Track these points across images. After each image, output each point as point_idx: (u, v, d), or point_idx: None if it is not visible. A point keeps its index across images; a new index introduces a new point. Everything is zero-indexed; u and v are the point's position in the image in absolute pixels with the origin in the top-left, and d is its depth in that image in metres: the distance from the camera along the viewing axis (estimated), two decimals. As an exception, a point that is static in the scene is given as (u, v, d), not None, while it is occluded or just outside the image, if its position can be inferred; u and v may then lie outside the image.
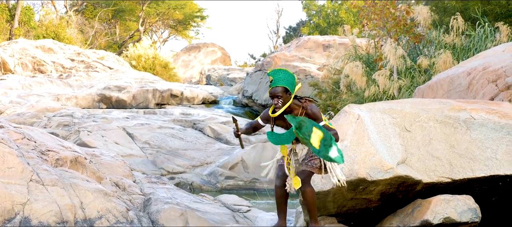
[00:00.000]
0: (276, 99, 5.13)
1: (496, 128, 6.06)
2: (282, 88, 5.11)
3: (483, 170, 5.91)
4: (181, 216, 6.92)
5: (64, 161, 7.00)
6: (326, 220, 6.26)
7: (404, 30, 12.21)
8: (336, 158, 5.05)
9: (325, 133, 5.05)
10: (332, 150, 5.03)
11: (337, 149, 5.07)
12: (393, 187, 5.87)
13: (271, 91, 5.18)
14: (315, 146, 5.00)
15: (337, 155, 5.06)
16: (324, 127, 5.17)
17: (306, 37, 22.88)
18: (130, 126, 14.09)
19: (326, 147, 5.02)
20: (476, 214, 5.60)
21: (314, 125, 5.05)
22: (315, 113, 5.18)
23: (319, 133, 5.03)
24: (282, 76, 5.13)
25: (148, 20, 43.80)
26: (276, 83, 5.12)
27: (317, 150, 5.01)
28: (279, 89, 5.11)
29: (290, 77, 5.16)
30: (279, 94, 5.10)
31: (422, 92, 8.79)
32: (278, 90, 5.10)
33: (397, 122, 6.10)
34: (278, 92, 5.10)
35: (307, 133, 5.00)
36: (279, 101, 5.12)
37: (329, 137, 5.05)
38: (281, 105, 5.14)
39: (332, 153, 5.03)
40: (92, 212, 6.45)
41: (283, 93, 5.10)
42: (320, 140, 5.01)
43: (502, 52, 8.34)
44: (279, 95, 5.10)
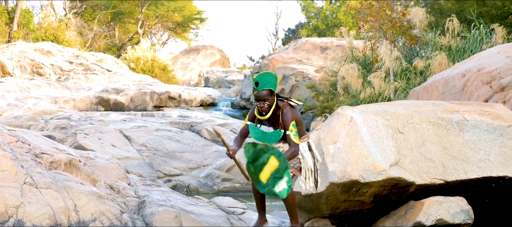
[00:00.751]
0: (261, 103, 5.23)
1: (489, 129, 6.07)
2: (267, 91, 5.21)
3: (476, 172, 5.92)
4: (175, 219, 6.91)
5: (58, 163, 7.00)
6: (320, 222, 6.27)
7: (400, 32, 12.22)
8: (281, 192, 5.11)
9: (281, 163, 5.10)
10: (279, 183, 5.09)
11: (287, 180, 5.12)
12: (386, 189, 5.87)
13: (257, 95, 5.28)
14: (262, 181, 5.11)
15: (283, 188, 5.11)
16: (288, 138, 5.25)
17: (304, 39, 22.90)
18: (127, 128, 14.10)
19: (274, 180, 5.09)
20: (469, 216, 5.61)
21: (273, 153, 5.12)
22: (285, 120, 5.28)
23: (274, 163, 5.09)
24: (268, 79, 5.23)
25: (147, 22, 43.81)
26: (263, 87, 5.21)
27: (263, 185, 5.11)
28: (264, 92, 5.21)
29: (275, 79, 5.29)
30: (265, 97, 5.20)
31: (417, 94, 8.80)
32: (264, 93, 5.21)
33: (390, 124, 6.10)
34: (264, 96, 5.21)
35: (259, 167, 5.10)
36: (265, 104, 5.22)
37: (283, 168, 5.09)
38: (268, 108, 5.19)
39: (278, 187, 5.09)
40: (86, 215, 6.45)
41: (269, 96, 5.22)
42: (272, 171, 5.07)
43: (496, 54, 8.35)
44: (265, 98, 5.20)
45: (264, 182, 5.09)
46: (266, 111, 5.26)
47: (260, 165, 5.08)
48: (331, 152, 5.91)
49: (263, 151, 5.09)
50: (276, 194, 5.10)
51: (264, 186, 5.10)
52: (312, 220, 6.33)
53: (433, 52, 11.07)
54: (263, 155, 5.08)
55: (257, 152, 5.09)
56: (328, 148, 5.93)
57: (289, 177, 5.12)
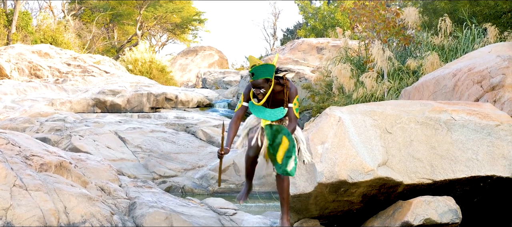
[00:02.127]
0: (257, 89, 5.30)
1: (477, 129, 6.08)
2: (263, 80, 5.27)
3: (464, 171, 5.93)
4: (166, 220, 6.92)
5: (48, 165, 7.00)
6: (309, 223, 6.28)
7: (394, 32, 12.22)
8: (291, 171, 5.21)
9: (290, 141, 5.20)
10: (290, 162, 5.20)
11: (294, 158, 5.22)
12: (374, 189, 5.88)
13: (253, 83, 5.34)
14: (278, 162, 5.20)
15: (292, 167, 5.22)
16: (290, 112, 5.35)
17: (300, 40, 22.89)
18: (122, 130, 14.10)
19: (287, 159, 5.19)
20: (456, 215, 5.62)
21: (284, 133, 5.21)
22: (292, 92, 5.36)
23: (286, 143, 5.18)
24: (264, 70, 5.29)
25: (146, 24, 43.82)
26: (259, 76, 5.28)
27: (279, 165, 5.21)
28: (260, 80, 5.28)
29: (271, 68, 5.32)
30: (260, 85, 5.27)
31: (409, 94, 8.81)
32: (259, 81, 5.28)
33: (378, 124, 6.11)
34: (260, 83, 5.27)
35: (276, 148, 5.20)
36: (261, 91, 5.29)
37: (292, 146, 5.19)
38: (264, 94, 5.30)
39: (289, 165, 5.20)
40: (76, 217, 6.45)
41: (265, 83, 5.27)
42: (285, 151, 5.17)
43: (488, 53, 8.36)
44: (261, 86, 5.27)
45: (279, 163, 5.21)
46: (261, 98, 5.33)
47: (277, 146, 5.19)
48: (319, 152, 5.92)
49: (277, 132, 5.21)
50: (289, 173, 5.21)
51: (279, 166, 5.22)
52: (301, 220, 6.34)
53: (426, 52, 11.08)
54: (278, 135, 5.20)
55: (274, 133, 5.21)
56: (316, 148, 5.94)
57: (296, 154, 5.23)
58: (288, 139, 5.18)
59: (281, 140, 5.18)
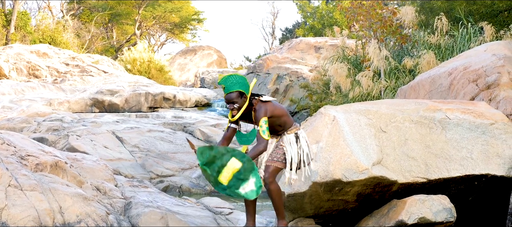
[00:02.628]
0: (231, 105, 5.18)
1: (471, 127, 6.09)
2: (236, 93, 5.14)
3: (459, 170, 5.94)
4: (162, 219, 6.91)
5: (44, 165, 7.01)
6: (304, 222, 6.28)
7: (390, 31, 12.23)
8: (248, 194, 4.93)
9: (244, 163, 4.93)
10: (244, 184, 4.93)
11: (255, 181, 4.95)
12: (369, 188, 5.89)
13: (226, 98, 5.21)
14: (222, 182, 4.94)
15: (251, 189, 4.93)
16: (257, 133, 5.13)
17: (298, 39, 22.89)
18: (119, 129, 14.09)
19: (238, 181, 4.93)
20: (451, 214, 5.62)
21: (234, 155, 4.96)
22: (256, 116, 5.18)
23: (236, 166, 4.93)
24: (233, 81, 5.15)
25: (145, 23, 43.82)
26: (230, 89, 5.14)
27: (224, 187, 4.97)
28: (233, 95, 5.15)
29: (242, 80, 5.19)
30: (233, 100, 5.15)
31: (404, 93, 8.81)
32: (232, 96, 5.15)
33: (372, 123, 6.12)
34: (233, 98, 5.15)
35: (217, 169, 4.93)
36: (235, 106, 5.16)
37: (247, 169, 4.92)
38: (238, 110, 5.16)
39: (243, 188, 4.93)
40: (71, 217, 6.45)
41: (238, 98, 5.15)
42: (234, 173, 4.91)
43: (483, 52, 8.36)
44: (234, 101, 5.15)
45: (225, 184, 4.95)
46: (235, 114, 5.20)
47: (217, 167, 4.94)
48: (313, 151, 5.92)
49: (221, 154, 4.95)
50: (242, 195, 4.96)
51: (225, 187, 4.97)
52: (296, 219, 6.34)
53: (422, 51, 11.09)
54: (221, 157, 4.95)
55: (213, 155, 4.94)
56: (311, 148, 5.94)
57: (258, 178, 4.96)
58: (241, 161, 4.93)
59: (225, 162, 4.91)
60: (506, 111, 7.29)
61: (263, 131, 5.12)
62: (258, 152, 5.11)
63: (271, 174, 5.26)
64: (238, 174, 4.93)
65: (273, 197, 5.27)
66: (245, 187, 4.94)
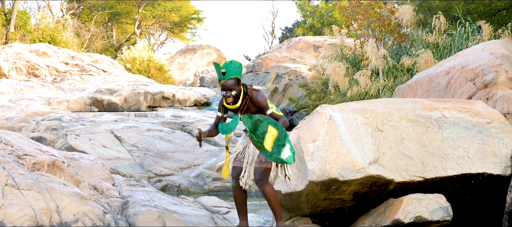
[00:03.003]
0: (228, 92, 5.14)
1: (468, 126, 6.09)
2: (234, 80, 5.13)
3: (455, 169, 5.94)
4: (159, 219, 6.93)
5: (41, 165, 7.01)
6: (301, 221, 6.28)
7: (389, 30, 12.22)
8: (288, 158, 5.09)
9: (280, 130, 5.09)
10: (284, 150, 5.08)
11: (290, 147, 5.12)
12: (365, 187, 5.89)
13: (223, 84, 5.17)
14: (267, 149, 5.06)
15: (289, 155, 5.10)
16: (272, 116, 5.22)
17: (297, 38, 22.89)
18: (118, 128, 14.10)
19: (279, 147, 5.07)
20: (447, 213, 5.62)
21: (270, 122, 5.09)
22: (260, 101, 5.19)
23: (274, 132, 5.08)
24: (234, 67, 5.14)
25: (145, 23, 43.82)
26: (229, 75, 5.12)
27: (270, 153, 5.06)
28: (231, 81, 5.12)
29: (240, 66, 5.20)
30: (232, 87, 5.12)
31: (402, 91, 8.81)
32: (230, 83, 5.12)
33: (369, 122, 6.12)
34: (231, 85, 5.11)
35: (261, 135, 5.05)
36: (232, 93, 5.13)
37: (283, 135, 5.09)
38: (234, 98, 5.14)
39: (284, 153, 5.07)
40: (68, 216, 6.46)
41: (235, 85, 5.13)
42: (274, 140, 5.06)
43: (481, 51, 8.35)
44: (232, 88, 5.12)
45: (270, 150, 5.07)
46: (232, 102, 5.16)
47: (261, 134, 5.05)
48: (310, 151, 5.92)
49: (260, 121, 5.08)
50: (284, 161, 5.09)
51: (270, 154, 5.08)
52: (293, 218, 6.35)
53: (419, 50, 11.09)
54: (261, 124, 5.07)
55: (255, 122, 5.08)
56: (307, 147, 5.94)
57: (291, 143, 5.13)
58: (276, 128, 5.09)
59: (266, 128, 5.06)
60: (503, 110, 7.29)
61: (276, 109, 5.26)
62: (286, 124, 5.23)
63: (263, 175, 5.23)
64: (277, 141, 5.07)
65: (268, 198, 5.25)
66: (284, 153, 5.09)
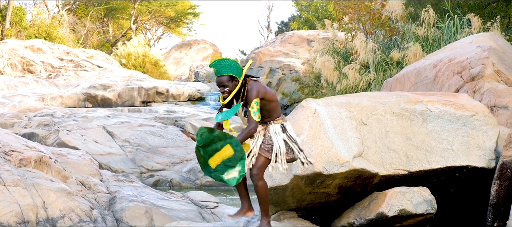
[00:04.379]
0: (222, 88, 5.07)
1: (452, 119, 6.09)
2: (227, 77, 5.04)
3: (439, 162, 5.95)
4: (146, 214, 6.94)
5: (28, 161, 7.02)
6: (286, 215, 6.29)
7: (379, 23, 12.22)
8: (229, 180, 4.95)
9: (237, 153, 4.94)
10: (230, 171, 4.95)
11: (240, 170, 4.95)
12: (350, 181, 5.89)
13: (217, 81, 5.11)
14: (210, 165, 4.97)
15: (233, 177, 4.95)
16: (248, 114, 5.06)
17: (291, 32, 22.86)
18: (110, 124, 14.10)
19: (225, 167, 4.96)
20: (431, 206, 5.63)
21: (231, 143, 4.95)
22: (248, 96, 5.03)
23: (228, 152, 4.94)
24: (225, 64, 5.05)
25: (141, 18, 43.77)
26: (220, 72, 5.05)
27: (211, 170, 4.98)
28: (224, 78, 5.04)
29: (233, 63, 5.08)
30: (224, 83, 5.05)
31: (390, 85, 8.82)
32: (223, 79, 5.04)
33: (354, 116, 6.12)
34: (224, 81, 5.05)
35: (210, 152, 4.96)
36: (225, 89, 5.06)
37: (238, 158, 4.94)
38: (228, 93, 5.06)
39: (228, 174, 4.95)
40: (54, 212, 6.47)
41: (229, 81, 5.04)
42: (224, 159, 4.94)
43: (469, 44, 8.36)
44: (225, 84, 5.05)
45: (212, 167, 4.96)
46: (226, 97, 5.10)
47: (211, 151, 4.94)
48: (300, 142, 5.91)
49: (218, 138, 4.94)
50: (224, 181, 4.97)
51: (211, 171, 4.97)
52: (279, 212, 6.34)
53: (408, 43, 11.09)
54: (217, 142, 4.94)
55: (211, 139, 4.95)
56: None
57: (243, 168, 4.95)
58: (234, 149, 4.94)
59: (220, 147, 4.94)
60: (490, 103, 7.31)
61: (254, 112, 5.03)
62: (248, 133, 5.04)
63: (260, 169, 5.11)
64: (227, 161, 4.93)
65: (260, 193, 5.14)
66: (229, 173, 4.94)
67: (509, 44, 8.74)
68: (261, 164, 5.17)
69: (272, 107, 5.20)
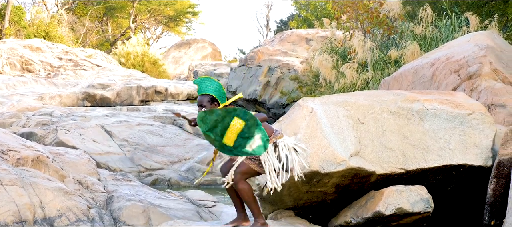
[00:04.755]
0: (200, 108, 4.93)
1: (449, 118, 6.10)
2: (208, 98, 4.91)
3: (436, 160, 5.95)
4: (144, 213, 6.94)
5: (25, 160, 7.02)
6: (284, 214, 6.29)
7: (377, 22, 12.22)
8: (255, 149, 4.75)
9: (248, 121, 4.73)
10: (251, 142, 4.75)
11: (261, 136, 4.75)
12: (347, 179, 5.90)
13: (198, 100, 4.97)
14: (228, 144, 4.78)
15: (258, 145, 4.75)
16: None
17: (289, 31, 22.84)
18: (108, 123, 14.10)
19: (244, 140, 4.76)
20: (428, 204, 5.63)
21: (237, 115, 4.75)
22: None
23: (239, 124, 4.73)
24: (208, 84, 4.92)
25: (140, 17, 43.78)
26: (203, 91, 4.92)
27: (230, 148, 4.78)
28: (205, 99, 4.91)
29: (217, 86, 4.94)
30: (203, 103, 4.91)
31: (388, 84, 8.82)
32: (204, 100, 4.91)
33: (350, 114, 6.12)
34: (204, 102, 4.91)
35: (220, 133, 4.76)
36: (202, 109, 4.92)
37: (251, 125, 4.72)
38: None
39: (250, 145, 4.75)
40: (52, 211, 6.47)
41: (208, 103, 4.91)
42: (238, 133, 4.74)
43: (466, 42, 8.36)
44: (204, 105, 4.91)
45: (231, 145, 4.76)
46: None
47: (221, 130, 4.76)
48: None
49: (222, 117, 4.74)
50: (251, 153, 4.78)
51: (231, 148, 4.78)
52: (276, 211, 6.35)
53: (406, 42, 11.09)
54: (222, 119, 4.75)
55: (214, 119, 4.75)
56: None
57: (264, 132, 4.76)
58: (243, 119, 4.74)
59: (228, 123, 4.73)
60: (487, 102, 7.31)
61: None
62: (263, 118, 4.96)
63: (243, 174, 4.99)
64: (242, 133, 4.76)
65: (244, 196, 5.05)
66: (252, 143, 4.76)
67: (506, 43, 8.74)
68: (245, 170, 5.04)
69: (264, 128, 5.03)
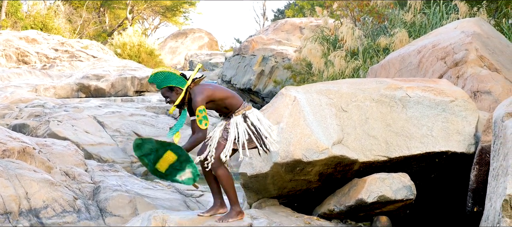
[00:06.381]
0: (165, 99, 5.09)
1: (432, 105, 6.11)
2: (165, 89, 5.03)
3: (419, 148, 5.97)
4: (130, 203, 6.97)
5: (11, 152, 7.03)
6: (268, 202, 6.30)
7: (367, 10, 12.20)
8: (185, 181, 4.94)
9: (179, 156, 4.87)
10: (181, 174, 4.92)
11: (192, 171, 4.92)
12: (330, 167, 5.91)
13: (161, 95, 5.13)
14: (160, 170, 4.93)
15: (187, 177, 4.93)
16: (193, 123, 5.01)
17: (284, 20, 22.83)
18: (101, 114, 14.10)
19: (174, 171, 4.92)
20: (411, 192, 5.65)
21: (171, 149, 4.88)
22: (193, 104, 4.94)
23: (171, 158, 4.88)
24: (161, 77, 5.02)
25: (137, 7, 43.67)
26: (160, 86, 5.05)
27: (162, 174, 4.93)
28: (163, 90, 5.05)
29: (169, 74, 5.02)
30: (165, 94, 5.05)
31: (375, 72, 8.82)
32: (163, 91, 5.06)
33: (333, 103, 6.13)
34: (164, 93, 5.06)
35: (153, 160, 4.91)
36: (167, 101, 5.07)
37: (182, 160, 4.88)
38: (172, 103, 5.03)
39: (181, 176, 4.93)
40: (37, 202, 6.49)
41: (168, 92, 5.02)
42: (170, 164, 4.89)
43: (453, 30, 8.36)
44: (166, 95, 5.04)
45: (162, 171, 4.92)
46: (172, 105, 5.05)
47: (153, 159, 4.90)
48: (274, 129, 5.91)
49: (156, 148, 4.89)
50: (180, 182, 4.97)
51: (162, 175, 4.94)
52: (260, 200, 6.36)
53: (395, 30, 11.07)
54: (157, 151, 4.89)
55: (149, 148, 4.90)
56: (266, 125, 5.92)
57: (194, 167, 4.91)
58: (175, 154, 4.86)
59: (162, 154, 4.87)
60: (473, 88, 7.32)
61: (199, 120, 4.92)
62: (196, 141, 4.97)
63: (218, 159, 5.03)
64: (174, 165, 4.89)
65: (221, 182, 5.10)
66: (182, 175, 4.92)
67: (494, 30, 8.73)
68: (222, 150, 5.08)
69: (229, 103, 5.14)
